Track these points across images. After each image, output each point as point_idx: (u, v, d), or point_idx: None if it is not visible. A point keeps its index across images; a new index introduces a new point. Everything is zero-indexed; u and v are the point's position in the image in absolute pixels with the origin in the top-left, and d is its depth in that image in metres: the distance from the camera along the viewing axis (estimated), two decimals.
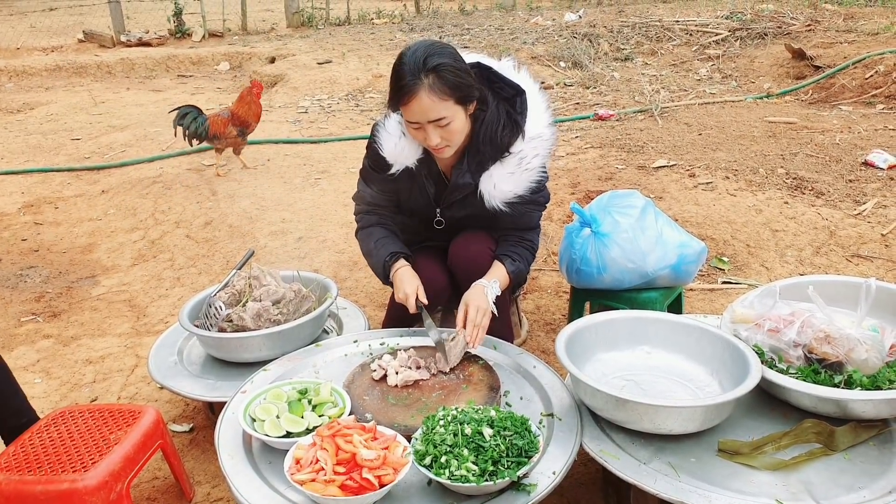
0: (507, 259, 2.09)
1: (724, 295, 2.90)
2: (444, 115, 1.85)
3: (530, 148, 1.98)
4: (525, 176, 2.00)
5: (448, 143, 1.92)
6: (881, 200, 3.59)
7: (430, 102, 1.82)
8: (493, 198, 2.02)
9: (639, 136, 4.86)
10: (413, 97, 1.82)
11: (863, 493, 1.45)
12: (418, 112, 1.84)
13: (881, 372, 1.63)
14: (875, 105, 5.27)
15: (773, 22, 7.52)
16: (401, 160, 2.04)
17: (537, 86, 2.05)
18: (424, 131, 1.88)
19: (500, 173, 1.99)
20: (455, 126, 1.89)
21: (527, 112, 1.98)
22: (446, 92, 1.83)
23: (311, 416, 1.66)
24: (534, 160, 1.99)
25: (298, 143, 5.17)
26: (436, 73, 1.81)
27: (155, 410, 1.85)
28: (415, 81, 1.80)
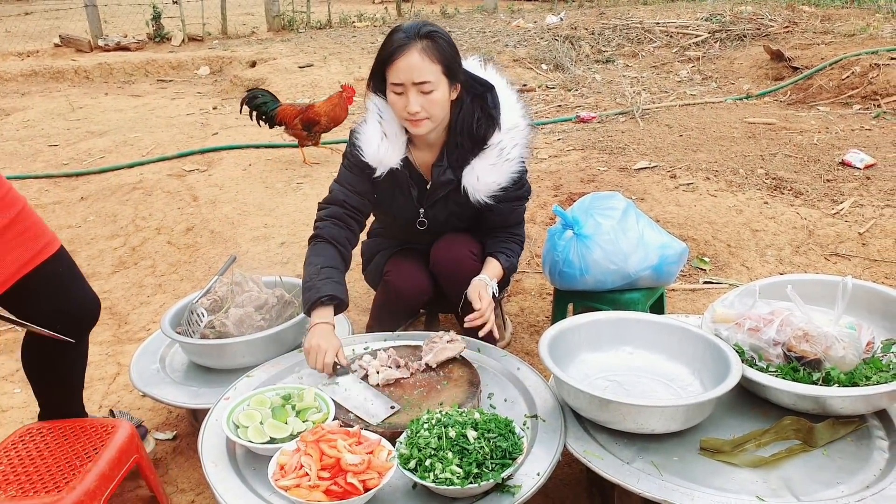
0: (501, 255, 2.14)
1: (705, 295, 2.93)
2: (429, 80, 1.87)
3: (508, 138, 2.02)
4: (506, 167, 2.03)
5: (427, 115, 1.91)
6: (858, 200, 3.65)
7: (419, 61, 1.85)
8: (476, 192, 2.04)
9: (620, 138, 4.90)
10: (404, 54, 1.85)
11: (841, 488, 1.47)
12: (405, 70, 1.86)
13: (858, 369, 1.65)
14: (852, 105, 5.36)
15: (752, 23, 7.61)
16: (385, 162, 2.04)
17: (504, 80, 2.09)
18: (406, 97, 1.89)
19: (481, 165, 2.02)
20: (437, 97, 1.90)
21: (499, 106, 2.02)
22: (436, 58, 1.87)
23: (294, 422, 1.66)
24: (513, 150, 2.02)
25: (279, 148, 5.15)
26: (430, 39, 1.88)
27: (129, 425, 1.82)
28: (409, 40, 1.86)
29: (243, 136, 5.47)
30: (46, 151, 5.31)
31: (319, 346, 1.82)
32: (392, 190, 2.12)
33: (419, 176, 2.12)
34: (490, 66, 2.11)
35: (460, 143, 2.01)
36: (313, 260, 1.99)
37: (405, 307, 2.25)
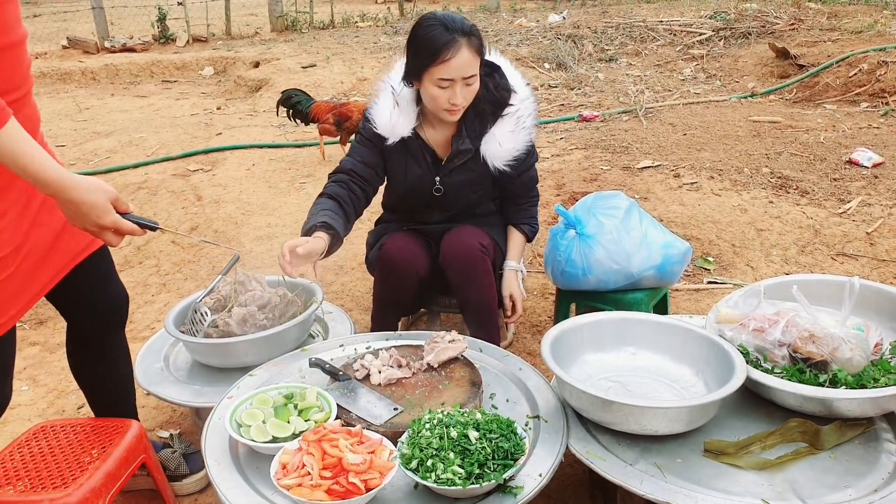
0: (525, 226, 2.34)
1: (709, 295, 2.91)
2: (475, 73, 1.99)
3: (524, 107, 2.15)
4: (523, 134, 2.16)
5: (465, 104, 2.05)
6: (865, 199, 3.62)
7: (470, 58, 1.96)
8: (495, 158, 2.15)
9: (623, 137, 4.88)
10: (458, 52, 1.94)
11: (848, 491, 1.46)
12: (458, 68, 1.95)
13: (866, 370, 1.64)
14: (859, 103, 5.32)
15: (757, 21, 7.57)
16: (397, 131, 2.14)
17: (507, 61, 2.22)
18: (453, 90, 1.99)
19: (501, 132, 2.13)
20: (475, 87, 2.04)
21: (507, 80, 2.16)
22: (479, 52, 2.00)
23: (297, 421, 1.65)
24: (528, 119, 2.16)
25: (283, 148, 5.15)
26: (472, 34, 1.98)
27: (138, 424, 1.83)
28: (458, 38, 1.94)
29: (247, 136, 5.47)
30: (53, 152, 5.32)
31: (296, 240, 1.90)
32: (405, 160, 2.19)
33: (431, 151, 2.20)
34: (494, 50, 2.22)
35: (482, 110, 2.11)
36: (312, 209, 2.10)
37: (399, 281, 2.23)
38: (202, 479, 2.01)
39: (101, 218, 1.34)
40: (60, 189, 1.29)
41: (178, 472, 1.99)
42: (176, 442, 2.09)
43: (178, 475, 1.99)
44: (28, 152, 1.24)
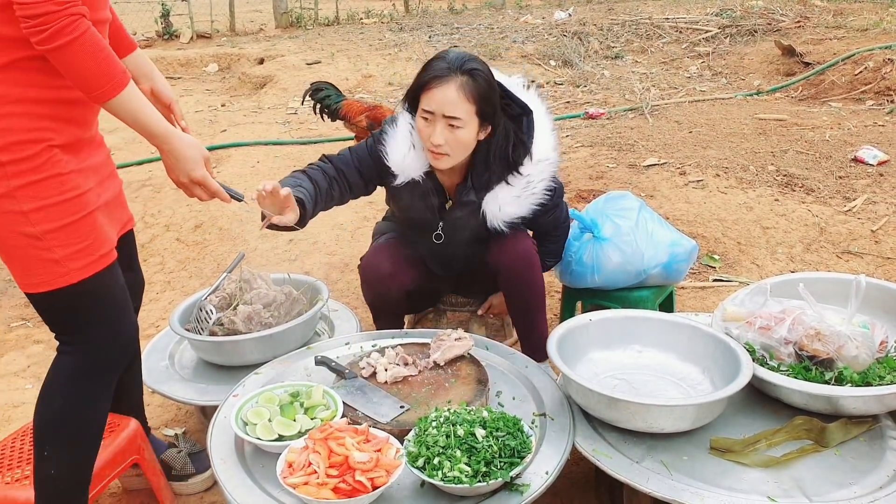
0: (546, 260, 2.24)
1: (715, 293, 2.91)
2: (459, 116, 1.86)
3: (537, 171, 2.01)
4: (530, 200, 2.03)
5: (448, 153, 1.91)
6: (871, 197, 3.61)
7: (454, 96, 1.85)
8: (495, 218, 2.04)
9: (629, 135, 4.87)
10: (441, 84, 1.85)
11: (853, 488, 1.46)
12: (439, 101, 1.86)
13: (871, 368, 1.64)
14: (864, 101, 5.30)
15: (763, 19, 7.55)
16: (407, 172, 2.03)
17: (544, 107, 2.07)
18: (433, 126, 1.89)
19: (505, 196, 2.01)
20: (462, 135, 1.89)
21: (533, 133, 1.99)
22: (472, 97, 1.86)
23: (303, 419, 1.66)
24: (539, 184, 2.01)
25: (288, 145, 5.16)
26: (470, 76, 1.87)
27: (136, 424, 1.82)
28: (449, 73, 1.86)
29: (251, 133, 5.48)
30: None
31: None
32: (412, 197, 2.10)
33: (442, 190, 2.11)
34: (533, 88, 2.09)
35: (492, 167, 1.99)
36: (288, 179, 1.96)
37: (381, 294, 2.18)
38: (208, 478, 2.00)
39: (195, 171, 1.53)
40: (167, 140, 1.49)
41: (183, 471, 1.99)
42: (181, 441, 2.08)
43: (183, 475, 1.99)
44: (144, 110, 1.43)
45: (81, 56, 1.31)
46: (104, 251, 1.49)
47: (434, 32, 8.84)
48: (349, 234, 3.60)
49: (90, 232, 1.45)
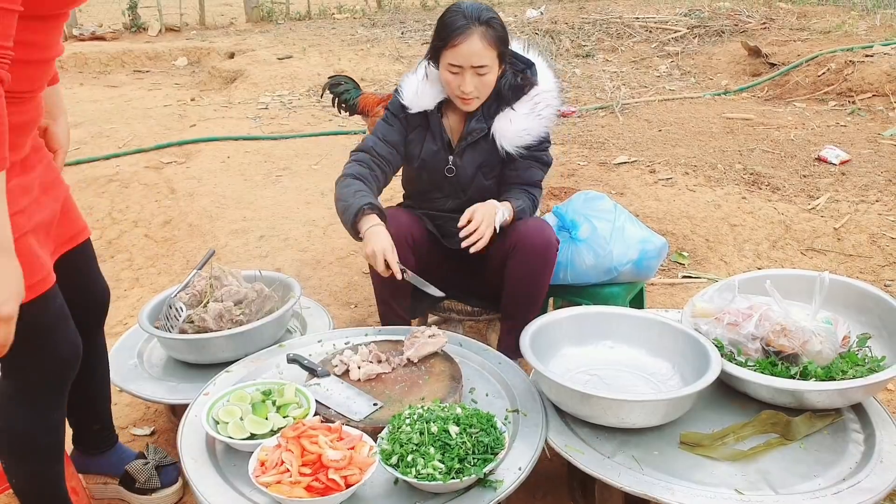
0: (512, 199, 2.13)
1: (684, 289, 2.95)
2: (486, 63, 1.99)
3: (544, 95, 2.13)
4: (537, 122, 2.13)
5: (478, 95, 2.05)
6: (833, 195, 3.70)
7: (480, 46, 1.96)
8: (503, 138, 2.11)
9: (600, 133, 4.92)
10: (466, 38, 1.96)
11: (817, 480, 1.49)
12: (466, 55, 1.97)
13: (834, 363, 1.68)
14: (827, 102, 5.43)
15: (730, 20, 7.67)
16: (420, 102, 2.15)
17: (545, 62, 2.21)
18: (462, 77, 2.00)
19: (514, 114, 2.11)
20: (489, 79, 2.03)
21: (537, 76, 2.15)
22: (494, 43, 1.99)
23: (275, 418, 1.64)
24: (545, 109, 2.13)
25: (258, 140, 5.10)
26: (488, 24, 1.98)
27: None
28: (469, 25, 1.96)
29: (222, 128, 5.40)
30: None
31: (374, 254, 1.92)
32: (424, 134, 2.19)
33: (448, 135, 2.19)
34: (532, 50, 2.23)
35: (502, 95, 2.10)
36: (343, 192, 2.07)
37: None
38: (175, 492, 1.90)
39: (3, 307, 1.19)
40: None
41: (147, 485, 1.87)
42: (151, 452, 1.94)
43: (147, 488, 1.87)
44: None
45: None
46: (36, 279, 1.35)
47: (406, 28, 8.81)
48: (321, 231, 3.58)
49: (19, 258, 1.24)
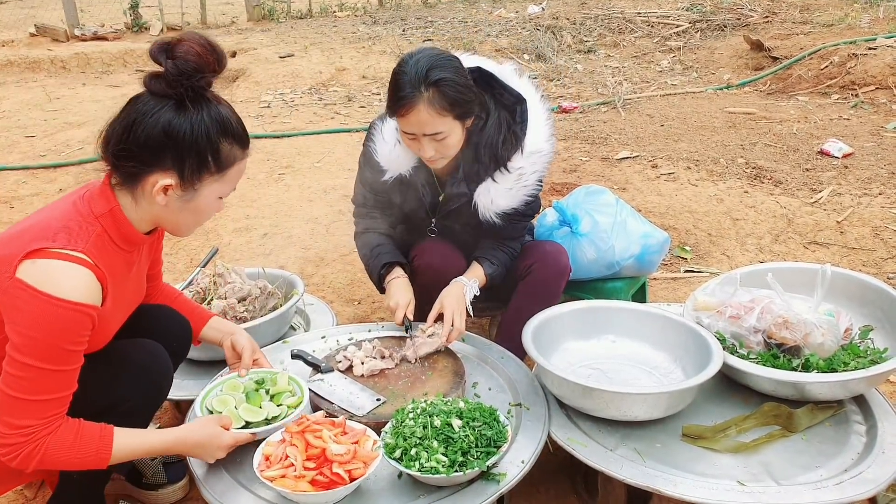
0: (486, 262, 2.06)
1: (686, 283, 2.96)
2: (440, 130, 1.82)
3: (529, 164, 1.96)
4: (521, 192, 1.99)
5: (442, 156, 1.90)
6: (836, 188, 3.69)
7: (427, 117, 1.79)
8: (487, 211, 2.00)
9: (602, 128, 4.92)
10: (411, 109, 1.78)
11: (819, 472, 1.50)
12: (415, 124, 1.82)
13: (836, 355, 1.68)
14: (830, 95, 5.42)
15: (732, 14, 7.65)
16: (395, 167, 2.01)
17: (539, 94, 2.02)
18: (419, 143, 1.86)
19: (497, 189, 1.97)
20: (450, 141, 1.87)
21: (527, 123, 1.95)
22: (445, 108, 1.80)
23: (269, 406, 1.65)
24: (531, 176, 1.98)
25: (261, 139, 5.11)
26: (436, 88, 1.78)
27: None
28: (414, 93, 1.77)
29: None
30: (23, 143, 5.22)
31: (398, 305, 1.97)
32: (405, 194, 2.08)
33: (434, 185, 2.08)
34: (526, 76, 2.04)
35: (481, 159, 1.96)
36: (363, 251, 2.13)
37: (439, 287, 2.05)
38: (181, 488, 1.88)
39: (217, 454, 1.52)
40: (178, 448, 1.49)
41: (154, 480, 1.86)
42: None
43: (153, 484, 1.86)
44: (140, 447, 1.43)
45: (57, 458, 1.33)
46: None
47: (408, 26, 8.80)
48: (324, 229, 3.58)
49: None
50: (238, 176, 1.50)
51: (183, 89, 1.36)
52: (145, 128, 1.35)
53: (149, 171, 1.38)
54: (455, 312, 1.92)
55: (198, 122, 1.37)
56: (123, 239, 1.44)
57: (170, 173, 1.38)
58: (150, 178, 1.38)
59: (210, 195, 1.45)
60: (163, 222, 1.48)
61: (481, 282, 2.04)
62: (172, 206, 1.42)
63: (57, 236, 1.32)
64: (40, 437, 1.30)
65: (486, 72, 1.96)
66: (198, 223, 1.51)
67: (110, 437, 1.37)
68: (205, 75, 1.37)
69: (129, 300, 1.56)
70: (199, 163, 1.39)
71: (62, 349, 1.29)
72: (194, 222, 1.50)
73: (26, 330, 1.26)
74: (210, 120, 1.39)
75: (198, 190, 1.42)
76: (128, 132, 1.36)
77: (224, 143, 1.42)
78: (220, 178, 1.44)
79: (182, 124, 1.36)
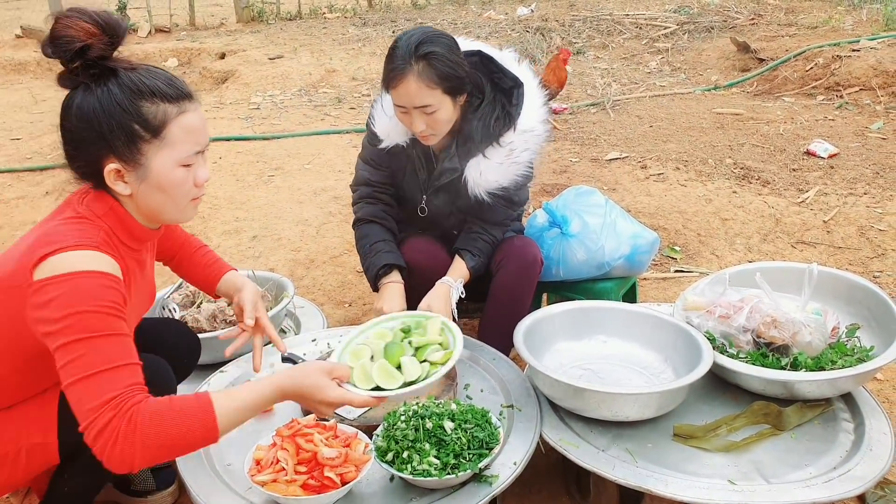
0: (468, 254, 2.08)
1: (676, 283, 2.97)
2: (429, 103, 1.85)
3: (521, 141, 1.99)
4: (512, 169, 2.00)
5: (433, 132, 1.93)
6: (822, 188, 3.73)
7: (416, 89, 1.83)
8: (477, 185, 2.02)
9: (591, 129, 4.93)
10: (401, 81, 1.83)
11: (809, 469, 1.51)
12: (405, 96, 1.85)
13: (824, 353, 1.70)
14: (815, 96, 5.46)
15: (719, 16, 7.70)
16: (392, 136, 2.06)
17: (536, 80, 2.05)
18: (410, 116, 1.89)
19: (487, 163, 1.99)
20: (440, 116, 1.89)
21: (522, 105, 1.99)
22: (434, 81, 1.83)
23: (409, 365, 1.50)
24: (523, 154, 2.00)
25: (250, 140, 5.09)
26: (426, 61, 1.82)
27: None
28: (404, 66, 1.82)
29: (213, 128, 5.38)
30: (8, 145, 5.18)
31: (388, 309, 1.95)
32: (403, 166, 2.12)
33: (430, 158, 2.10)
34: (525, 63, 2.07)
35: (473, 136, 1.99)
36: (362, 242, 2.12)
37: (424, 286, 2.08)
38: (170, 494, 1.85)
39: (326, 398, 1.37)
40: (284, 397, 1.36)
41: (142, 487, 1.83)
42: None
43: (142, 491, 1.83)
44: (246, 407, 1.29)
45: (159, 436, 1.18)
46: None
47: (398, 27, 8.80)
48: (314, 231, 3.57)
49: None
50: (188, 134, 1.36)
51: (81, 70, 1.31)
52: (67, 123, 1.32)
53: (96, 165, 1.32)
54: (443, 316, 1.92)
55: (105, 95, 1.30)
56: (130, 235, 1.39)
57: (110, 158, 1.31)
58: (103, 172, 1.32)
59: (164, 165, 1.34)
60: (147, 212, 1.40)
61: (465, 278, 2.06)
62: (137, 190, 1.34)
63: (65, 238, 1.26)
64: (129, 406, 1.17)
65: (485, 55, 2.00)
66: (175, 201, 1.38)
67: (209, 402, 1.23)
68: (93, 46, 1.30)
69: (141, 303, 1.51)
70: (126, 135, 1.30)
71: (104, 314, 1.21)
72: (170, 201, 1.37)
73: (61, 314, 1.19)
74: (119, 88, 1.30)
75: (145, 164, 1.33)
76: (62, 135, 1.34)
77: (145, 105, 1.31)
78: (161, 142, 1.32)
79: (91, 103, 1.30)
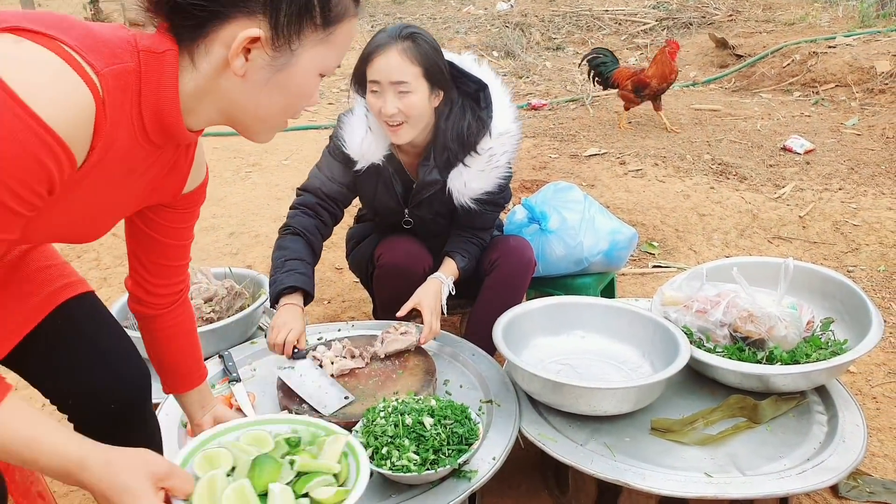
0: (458, 255, 2.08)
1: (654, 279, 2.99)
2: (406, 80, 1.82)
3: (499, 145, 1.96)
4: (494, 174, 1.99)
5: (405, 119, 1.86)
6: (799, 184, 3.78)
7: (398, 61, 1.81)
8: (462, 195, 1.99)
9: (571, 126, 4.95)
10: (382, 53, 1.82)
11: (783, 461, 1.53)
12: (383, 69, 1.82)
13: (799, 347, 1.72)
14: (792, 92, 5.53)
15: (698, 12, 7.77)
16: (367, 156, 1.99)
17: (499, 79, 2.03)
18: (383, 97, 1.84)
19: (469, 172, 1.97)
20: (414, 100, 1.84)
21: (492, 107, 1.96)
22: (416, 59, 1.82)
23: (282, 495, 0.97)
24: (502, 157, 1.98)
25: (227, 136, 5.03)
26: (412, 40, 1.83)
27: None
28: (389, 40, 1.83)
29: None
30: None
31: (284, 324, 1.83)
32: (375, 185, 2.06)
33: (405, 174, 2.06)
34: (485, 63, 2.05)
35: (450, 146, 1.96)
36: (278, 253, 1.98)
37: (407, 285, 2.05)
38: None
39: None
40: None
41: None
42: None
43: None
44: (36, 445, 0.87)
45: None
46: None
47: (376, 22, 8.75)
48: None
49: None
50: (346, 45, 1.02)
51: None
52: None
53: (224, 18, 0.89)
54: (433, 312, 1.92)
55: None
56: (157, 114, 0.93)
57: (257, 19, 0.90)
58: (223, 31, 0.90)
59: (310, 63, 0.96)
60: (231, 109, 0.98)
61: (455, 277, 2.06)
62: (254, 77, 0.93)
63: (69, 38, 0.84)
64: None
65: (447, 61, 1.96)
66: (285, 111, 1.00)
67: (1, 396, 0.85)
68: None
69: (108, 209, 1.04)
70: (300, 6, 0.91)
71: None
72: (282, 108, 0.99)
73: None
74: None
75: (295, 51, 0.94)
76: None
77: None
78: (325, 37, 0.96)
79: None
